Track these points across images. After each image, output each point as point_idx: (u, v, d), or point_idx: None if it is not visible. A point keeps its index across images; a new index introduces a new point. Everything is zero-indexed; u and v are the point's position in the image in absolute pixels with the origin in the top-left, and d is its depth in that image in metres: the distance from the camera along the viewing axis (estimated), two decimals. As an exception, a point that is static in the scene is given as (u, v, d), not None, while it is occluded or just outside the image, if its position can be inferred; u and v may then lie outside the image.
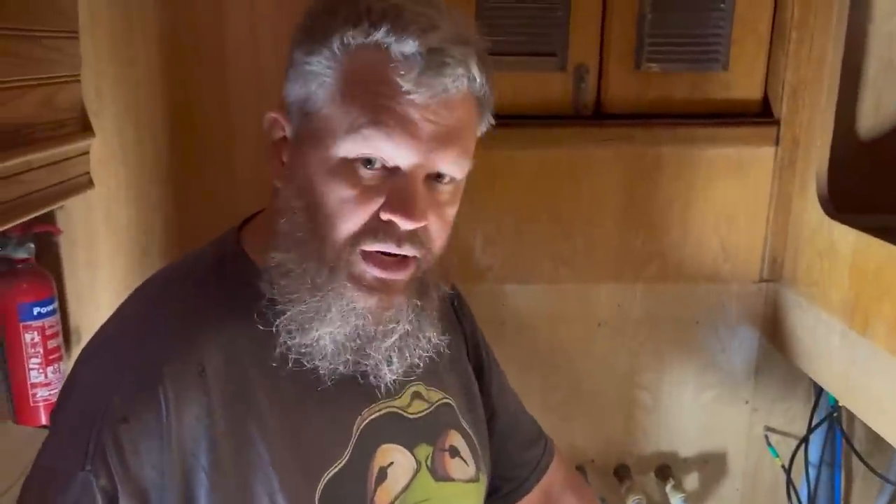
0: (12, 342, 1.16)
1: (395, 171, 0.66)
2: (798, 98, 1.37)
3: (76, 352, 1.28)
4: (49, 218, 1.22)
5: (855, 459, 1.52)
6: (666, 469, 1.54)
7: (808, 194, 1.34)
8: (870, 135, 1.43)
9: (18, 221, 1.05)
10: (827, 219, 1.28)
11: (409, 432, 0.79)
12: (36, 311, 1.16)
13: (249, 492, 0.67)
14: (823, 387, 1.40)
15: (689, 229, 1.45)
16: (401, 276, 0.68)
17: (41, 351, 1.17)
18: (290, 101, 0.70)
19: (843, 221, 1.26)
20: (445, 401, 0.84)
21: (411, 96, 0.64)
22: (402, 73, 0.63)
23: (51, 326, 1.18)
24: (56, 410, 0.71)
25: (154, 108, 1.24)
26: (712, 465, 1.56)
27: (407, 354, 0.71)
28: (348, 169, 0.65)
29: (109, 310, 1.27)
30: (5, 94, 0.97)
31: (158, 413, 0.64)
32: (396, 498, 0.76)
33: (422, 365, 0.74)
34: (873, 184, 1.42)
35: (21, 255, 1.16)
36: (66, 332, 1.26)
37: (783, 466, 1.51)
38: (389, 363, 0.71)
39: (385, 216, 0.66)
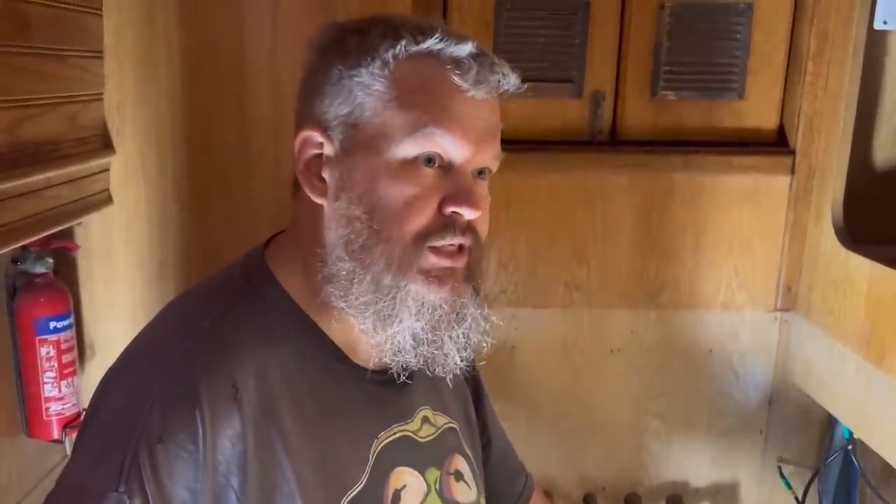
0: (27, 355, 1.17)
1: (448, 167, 0.71)
2: (814, 128, 1.37)
3: (90, 367, 1.29)
4: (67, 233, 1.23)
5: (869, 492, 1.50)
6: (677, 499, 1.53)
7: (823, 224, 1.34)
8: (886, 166, 1.43)
9: (38, 237, 1.07)
10: (842, 249, 1.28)
11: (420, 456, 0.80)
12: (52, 325, 1.17)
13: None
14: (838, 418, 1.38)
15: (703, 256, 1.45)
16: (462, 263, 0.72)
17: (56, 365, 1.17)
18: (327, 118, 0.71)
19: (858, 252, 1.25)
20: (450, 425, 0.86)
21: (469, 94, 0.69)
22: (459, 73, 0.68)
23: (66, 341, 1.19)
24: (84, 427, 0.71)
25: (175, 127, 1.25)
26: (724, 496, 1.55)
27: (474, 338, 0.74)
28: (409, 169, 0.69)
29: (125, 325, 1.29)
30: (30, 111, 0.98)
31: (195, 434, 0.65)
32: None
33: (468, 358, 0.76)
34: (890, 215, 1.41)
35: (39, 269, 1.17)
36: (81, 347, 1.27)
37: (796, 498, 1.49)
38: (463, 349, 0.73)
39: (448, 209, 0.70)
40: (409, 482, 0.78)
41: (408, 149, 0.69)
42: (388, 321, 0.70)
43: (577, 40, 1.36)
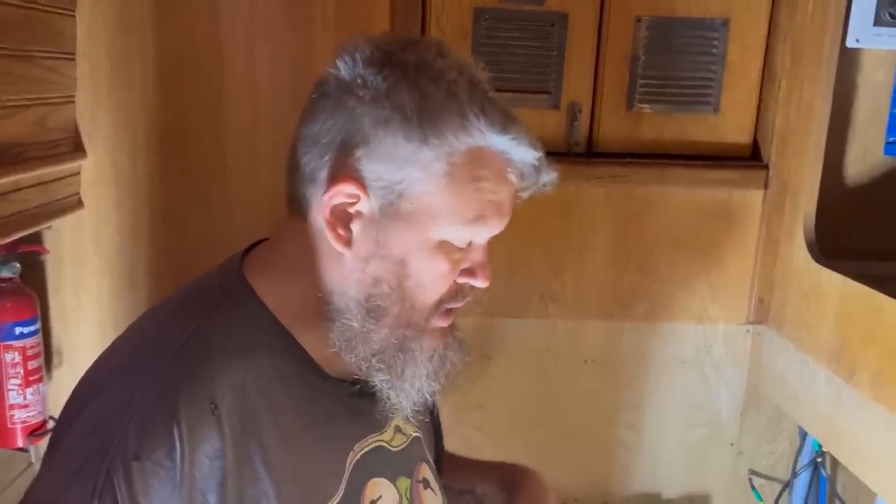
0: (-8, 362, 1.14)
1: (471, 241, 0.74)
2: (787, 144, 1.39)
3: (57, 374, 1.26)
4: (36, 237, 1.21)
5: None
6: (649, 510, 1.53)
7: (795, 239, 1.36)
8: (857, 182, 1.45)
9: (6, 240, 1.05)
10: (814, 264, 1.29)
11: (392, 466, 0.81)
12: (18, 330, 1.14)
13: None
14: (808, 431, 1.40)
15: (677, 269, 1.46)
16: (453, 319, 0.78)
17: (21, 372, 1.15)
18: (370, 176, 0.70)
19: (830, 267, 1.26)
20: (417, 434, 0.87)
21: (522, 194, 0.74)
22: (517, 178, 0.72)
23: (32, 347, 1.17)
24: (56, 442, 0.69)
25: (149, 132, 1.24)
26: (696, 507, 1.56)
27: (445, 375, 0.78)
28: (445, 248, 0.72)
29: (93, 332, 1.27)
30: (-1, 113, 0.97)
31: (172, 451, 0.64)
32: None
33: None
34: (860, 231, 1.43)
35: (6, 273, 1.15)
36: (48, 354, 1.25)
37: (767, 510, 1.51)
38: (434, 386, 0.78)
39: (464, 280, 0.74)
40: (384, 493, 0.79)
41: (452, 234, 0.71)
42: (400, 376, 0.74)
43: (555, 52, 1.37)
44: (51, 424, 1.19)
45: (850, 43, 1.30)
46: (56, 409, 1.21)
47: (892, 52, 1.35)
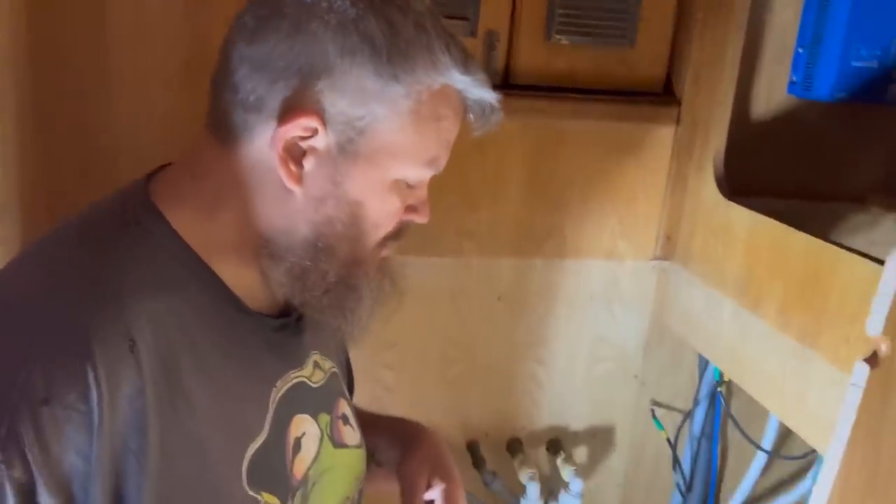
0: None
1: None
2: (700, 79, 1.39)
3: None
4: None
5: (731, 431, 1.60)
6: (557, 443, 1.56)
7: (704, 175, 1.38)
8: (762, 120, 1.48)
9: None
10: (723, 199, 1.32)
11: (313, 402, 0.80)
12: None
13: (179, 471, 0.64)
14: (712, 361, 1.45)
15: (588, 205, 1.45)
16: None
17: None
18: (331, 111, 0.66)
19: (737, 203, 1.29)
20: (334, 370, 0.86)
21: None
22: (475, 118, 0.73)
23: None
24: None
25: (16, 42, 1.08)
26: (601, 439, 1.60)
27: (381, 305, 0.78)
28: (398, 187, 0.71)
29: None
30: None
31: (87, 394, 0.58)
32: (309, 468, 0.76)
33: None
34: (764, 169, 1.47)
35: None
36: None
37: (668, 439, 1.56)
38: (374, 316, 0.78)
39: (407, 217, 0.74)
40: (308, 429, 0.77)
41: (409, 173, 0.70)
42: (352, 311, 0.73)
43: (473, -25, 1.30)
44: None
45: (763, -22, 1.30)
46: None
47: (802, -10, 1.37)
